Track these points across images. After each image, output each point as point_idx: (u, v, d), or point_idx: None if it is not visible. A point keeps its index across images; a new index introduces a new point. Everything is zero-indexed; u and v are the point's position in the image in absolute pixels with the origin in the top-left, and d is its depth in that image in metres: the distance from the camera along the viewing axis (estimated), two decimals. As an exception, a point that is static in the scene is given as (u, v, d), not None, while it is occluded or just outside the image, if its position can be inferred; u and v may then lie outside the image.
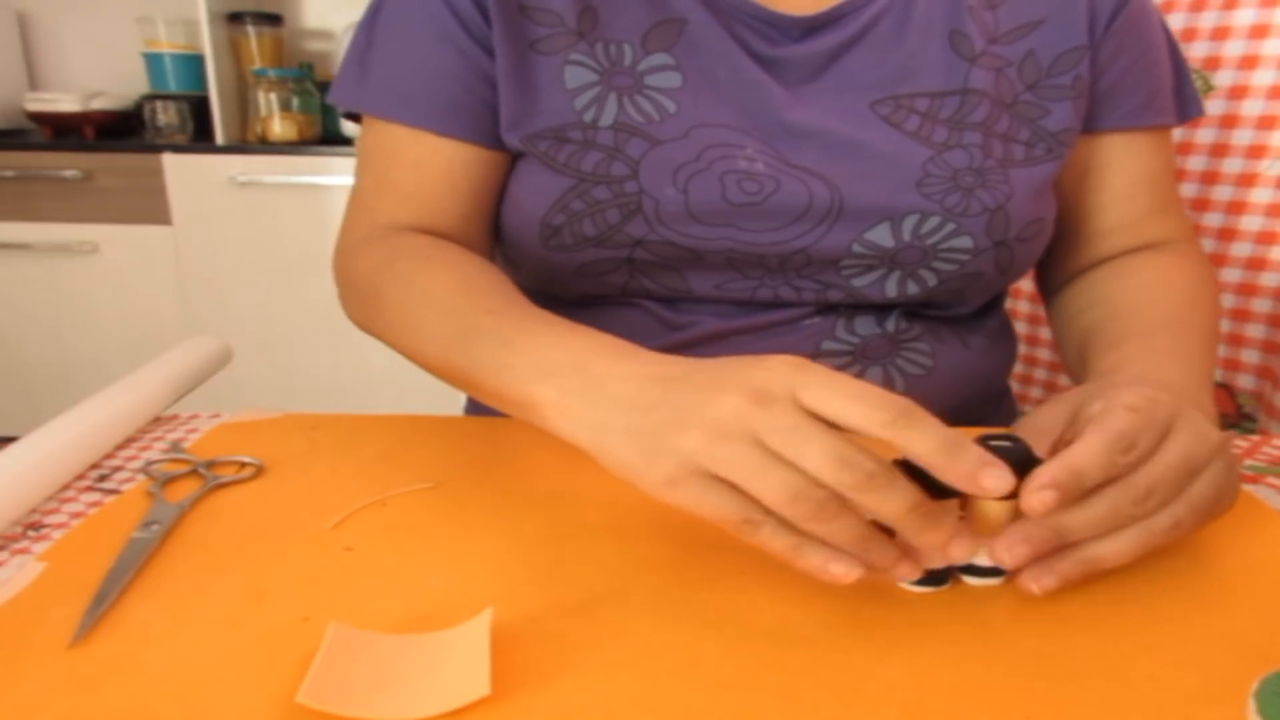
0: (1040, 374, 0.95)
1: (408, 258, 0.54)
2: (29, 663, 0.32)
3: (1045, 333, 0.95)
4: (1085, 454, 0.36)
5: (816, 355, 0.57)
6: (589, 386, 0.39)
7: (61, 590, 0.37)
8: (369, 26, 0.59)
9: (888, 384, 0.58)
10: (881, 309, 0.60)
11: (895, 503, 0.33)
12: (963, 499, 0.37)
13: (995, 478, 0.34)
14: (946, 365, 0.59)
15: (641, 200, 0.55)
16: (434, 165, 0.58)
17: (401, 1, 0.58)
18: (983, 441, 0.36)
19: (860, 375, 0.57)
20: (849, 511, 0.34)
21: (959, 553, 0.36)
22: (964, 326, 0.63)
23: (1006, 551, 0.36)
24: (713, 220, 0.55)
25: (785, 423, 0.34)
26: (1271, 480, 0.49)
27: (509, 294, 0.50)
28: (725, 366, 0.37)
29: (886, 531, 0.35)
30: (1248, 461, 0.52)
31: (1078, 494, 0.36)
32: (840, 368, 0.57)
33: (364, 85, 0.59)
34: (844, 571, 0.34)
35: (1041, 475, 0.35)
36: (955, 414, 0.61)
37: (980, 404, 0.65)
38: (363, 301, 0.57)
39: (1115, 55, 0.60)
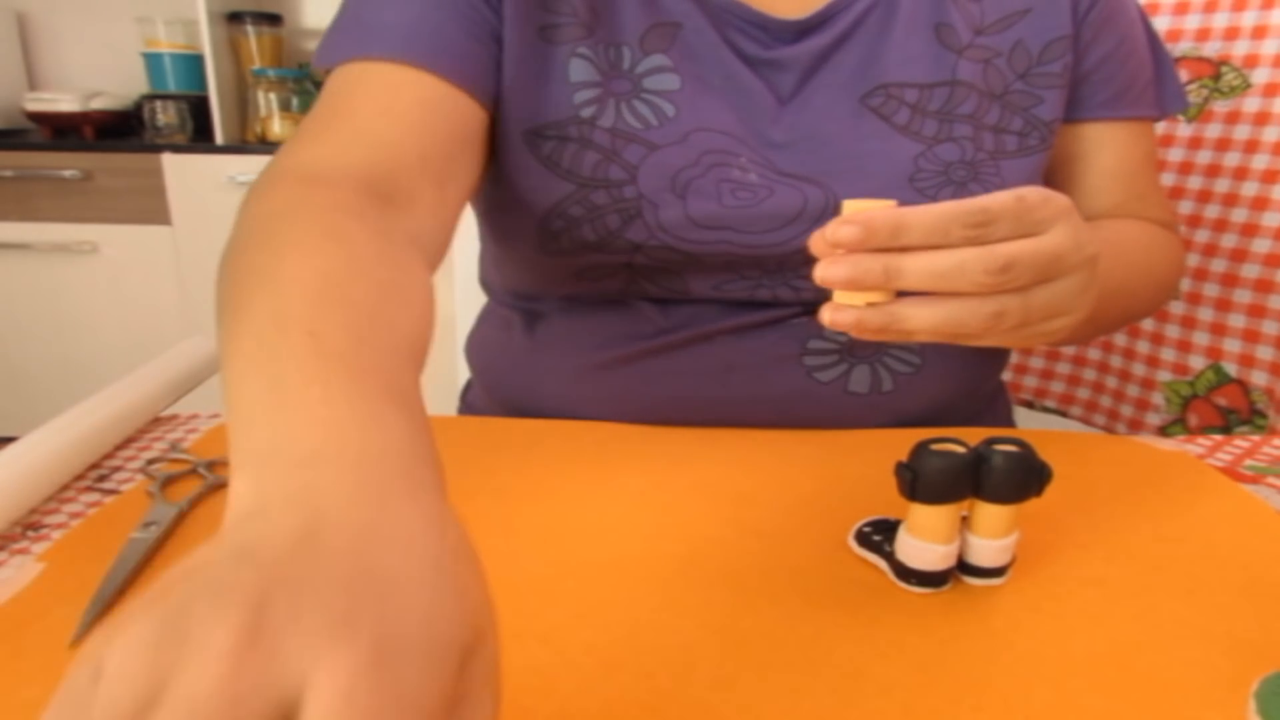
0: (1036, 363, 0.95)
1: (304, 220, 0.39)
2: (29, 663, 0.32)
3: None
4: (922, 210, 0.35)
5: (803, 354, 0.57)
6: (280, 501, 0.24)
7: (61, 590, 0.37)
8: None
9: (875, 382, 0.58)
10: None
11: None
12: (966, 502, 0.37)
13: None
14: (935, 364, 0.59)
15: (641, 205, 0.55)
16: (408, 96, 0.51)
17: None
18: (987, 444, 0.36)
19: (847, 374, 0.57)
20: None
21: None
22: None
23: (825, 267, 0.36)
24: (711, 224, 0.55)
25: None
26: (1271, 480, 0.49)
27: (354, 318, 0.32)
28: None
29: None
30: (1248, 462, 0.52)
31: (887, 241, 0.35)
32: (827, 366, 0.57)
33: (360, 34, 0.53)
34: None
35: (860, 214, 0.35)
36: (946, 411, 0.61)
37: (972, 402, 0.65)
38: (237, 240, 0.39)
39: (1091, 44, 0.61)
